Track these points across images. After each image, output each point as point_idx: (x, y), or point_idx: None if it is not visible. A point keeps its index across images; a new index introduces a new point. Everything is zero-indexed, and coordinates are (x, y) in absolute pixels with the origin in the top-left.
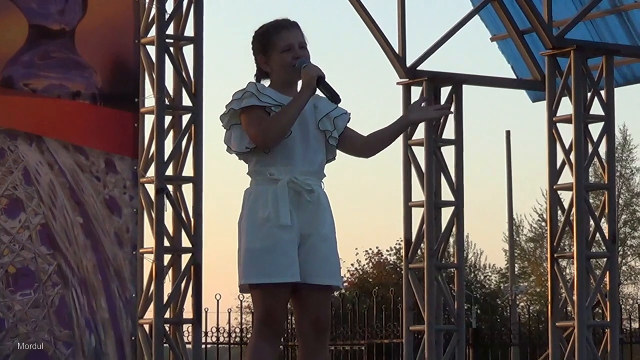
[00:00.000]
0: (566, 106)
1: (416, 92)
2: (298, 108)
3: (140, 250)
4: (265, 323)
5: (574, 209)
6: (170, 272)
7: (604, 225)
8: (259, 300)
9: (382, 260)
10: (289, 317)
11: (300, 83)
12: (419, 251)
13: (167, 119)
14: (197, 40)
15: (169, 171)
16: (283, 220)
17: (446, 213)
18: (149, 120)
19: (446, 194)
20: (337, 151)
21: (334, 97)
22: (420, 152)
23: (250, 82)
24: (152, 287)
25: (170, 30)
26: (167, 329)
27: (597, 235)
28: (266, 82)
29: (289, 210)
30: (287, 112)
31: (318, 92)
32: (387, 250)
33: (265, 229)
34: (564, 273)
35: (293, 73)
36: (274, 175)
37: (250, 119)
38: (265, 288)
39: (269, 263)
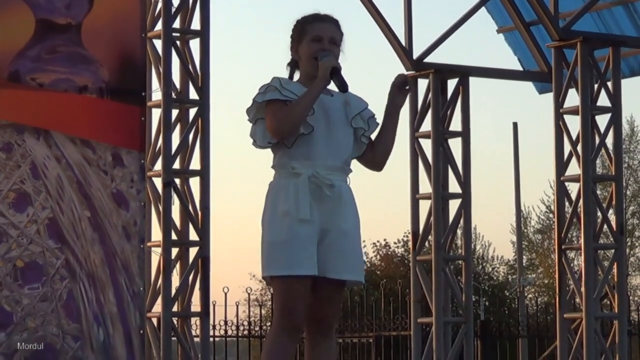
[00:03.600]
0: (573, 98)
1: (423, 85)
2: (309, 100)
3: (148, 244)
4: (283, 315)
5: (581, 201)
6: (177, 265)
7: (612, 217)
8: (279, 292)
9: (389, 253)
10: None
11: None
12: (426, 243)
13: (174, 113)
14: (203, 34)
15: (176, 164)
16: (302, 214)
17: (454, 205)
18: (156, 114)
19: (453, 186)
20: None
21: (342, 86)
22: (427, 145)
23: (275, 76)
24: (160, 281)
25: (176, 24)
26: (175, 322)
27: (605, 226)
28: (297, 75)
29: (309, 204)
30: (300, 103)
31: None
32: (395, 243)
33: (286, 223)
34: (571, 264)
35: (315, 66)
36: (296, 169)
37: (270, 112)
38: (283, 280)
39: (287, 256)
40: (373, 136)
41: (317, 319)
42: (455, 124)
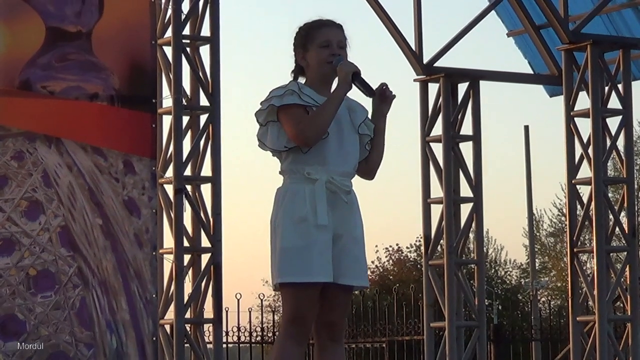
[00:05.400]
0: (584, 100)
1: (433, 89)
2: (335, 105)
3: (160, 251)
4: (294, 322)
5: (593, 203)
6: (190, 272)
7: (624, 219)
8: (291, 299)
9: (402, 257)
10: None
11: (335, 82)
12: (438, 247)
13: (185, 119)
14: (213, 40)
15: (188, 171)
16: (321, 220)
17: (465, 209)
18: (167, 121)
19: (465, 190)
20: None
21: (369, 92)
22: (438, 149)
23: (292, 80)
24: (173, 288)
25: (186, 31)
26: (188, 329)
27: (617, 229)
28: (302, 80)
29: (326, 210)
30: (325, 110)
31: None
32: (407, 247)
33: (302, 228)
34: (584, 267)
35: (328, 70)
36: (312, 174)
37: (291, 117)
38: (298, 287)
39: (305, 262)
40: None
41: (327, 324)
42: (466, 128)
